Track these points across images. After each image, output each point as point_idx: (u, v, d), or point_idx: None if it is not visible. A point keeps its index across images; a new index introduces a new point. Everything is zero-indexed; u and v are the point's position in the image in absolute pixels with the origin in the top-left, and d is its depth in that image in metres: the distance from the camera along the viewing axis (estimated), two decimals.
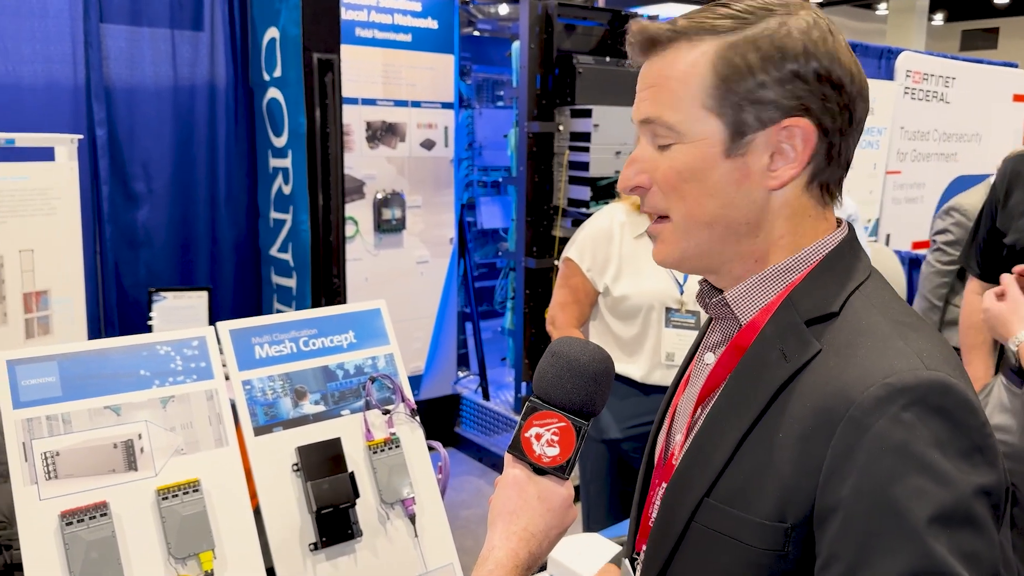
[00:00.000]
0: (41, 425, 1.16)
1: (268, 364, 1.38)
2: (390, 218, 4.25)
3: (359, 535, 1.35)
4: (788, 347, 0.78)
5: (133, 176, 3.78)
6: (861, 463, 0.68)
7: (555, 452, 0.82)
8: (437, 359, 4.68)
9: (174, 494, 1.21)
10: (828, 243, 0.83)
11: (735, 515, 0.76)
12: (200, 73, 3.88)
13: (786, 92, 0.77)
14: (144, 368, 1.27)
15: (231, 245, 4.02)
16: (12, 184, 3.06)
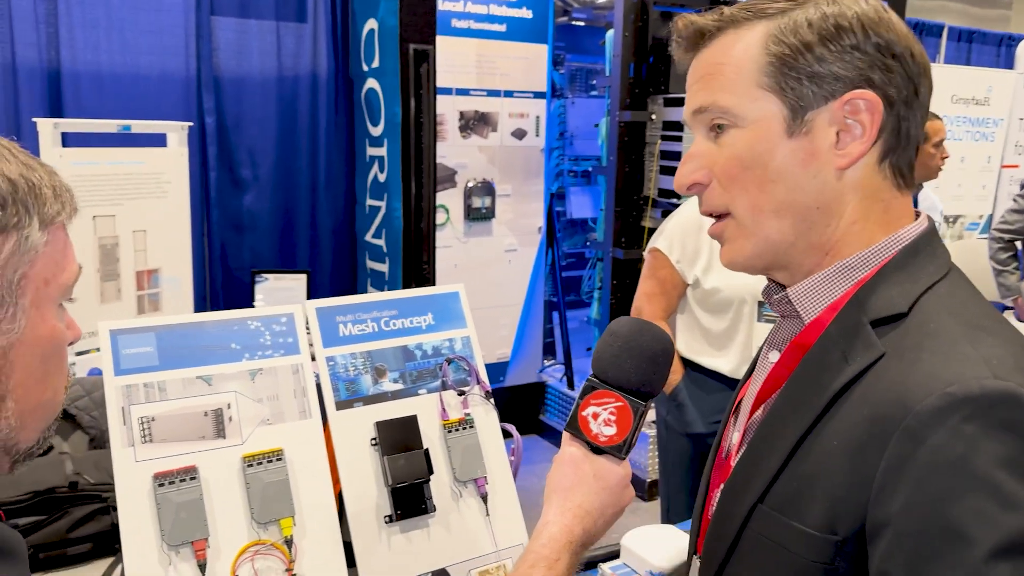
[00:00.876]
0: (139, 392, 1.24)
1: (351, 342, 1.43)
2: (480, 207, 4.30)
3: (432, 510, 1.38)
4: (850, 349, 0.73)
5: (239, 163, 3.96)
6: (914, 477, 0.63)
7: (612, 431, 0.82)
8: (523, 347, 4.72)
9: (259, 462, 1.27)
10: (903, 237, 0.78)
11: (786, 523, 0.73)
12: (303, 64, 4.02)
13: (846, 64, 0.74)
14: (235, 342, 1.34)
15: (329, 230, 4.17)
16: (128, 168, 3.26)
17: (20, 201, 0.59)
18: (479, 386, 1.51)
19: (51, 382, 0.64)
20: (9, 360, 0.60)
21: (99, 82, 3.51)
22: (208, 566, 1.20)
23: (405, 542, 1.37)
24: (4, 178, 0.58)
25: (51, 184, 0.63)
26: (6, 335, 0.59)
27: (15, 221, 0.59)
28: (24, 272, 0.60)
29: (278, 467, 1.29)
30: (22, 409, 0.61)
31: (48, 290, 0.63)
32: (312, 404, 1.36)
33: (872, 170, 0.77)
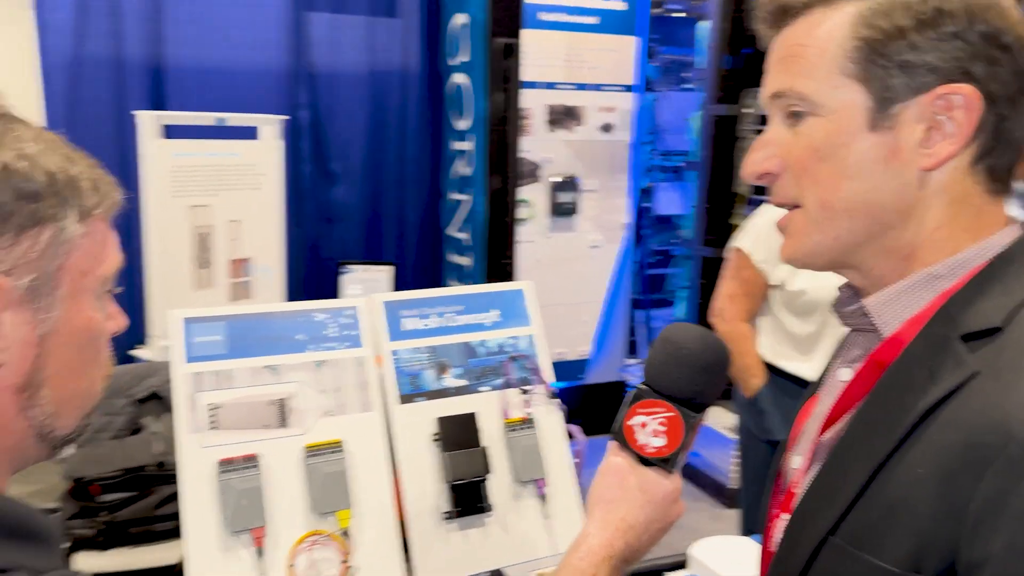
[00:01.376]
0: (207, 379, 1.27)
1: (415, 336, 1.43)
2: (564, 201, 4.26)
3: (490, 509, 1.37)
4: (937, 366, 0.66)
5: (331, 156, 4.06)
6: (1018, 513, 0.57)
7: (661, 443, 0.78)
8: (605, 344, 4.66)
9: (320, 452, 1.29)
10: (995, 244, 0.70)
11: (863, 559, 0.66)
12: (393, 59, 4.08)
13: (944, 55, 0.66)
14: (301, 333, 1.35)
15: (415, 223, 4.22)
16: (223, 160, 3.37)
17: (57, 193, 0.60)
18: (543, 385, 1.48)
19: (87, 371, 0.65)
20: (45, 349, 0.61)
21: (199, 76, 3.65)
22: (266, 554, 1.22)
23: (462, 540, 1.36)
24: (43, 170, 0.59)
25: (91, 177, 0.64)
26: (43, 324, 0.60)
27: (52, 213, 0.60)
28: (61, 263, 0.61)
29: (338, 458, 1.30)
30: (59, 397, 0.63)
31: (85, 281, 0.64)
32: (374, 397, 1.36)
33: (963, 173, 0.69)
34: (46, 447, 0.64)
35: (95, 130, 3.50)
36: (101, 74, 3.47)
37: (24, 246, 0.58)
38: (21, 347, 0.59)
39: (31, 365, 0.60)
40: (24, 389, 0.60)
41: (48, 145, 0.61)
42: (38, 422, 0.62)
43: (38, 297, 0.59)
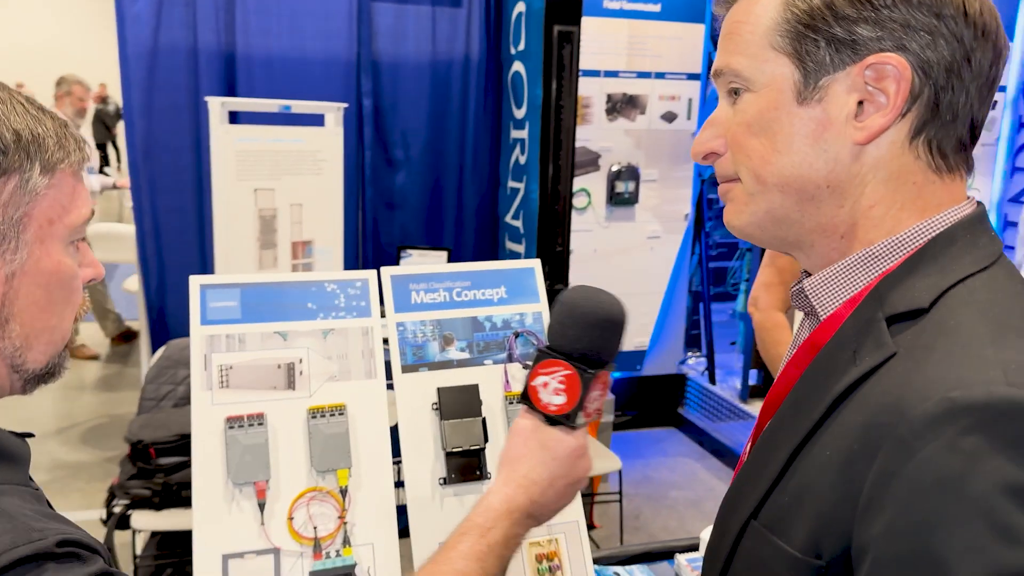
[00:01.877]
0: (221, 341, 1.36)
1: (421, 309, 1.48)
2: (623, 191, 4.25)
3: (487, 478, 1.41)
4: (860, 348, 0.65)
5: (393, 143, 4.16)
6: (900, 497, 0.55)
7: (561, 400, 0.80)
8: (663, 337, 4.63)
9: (322, 414, 1.36)
10: (938, 223, 0.68)
11: (773, 543, 0.66)
12: (456, 48, 4.15)
13: (874, 25, 0.65)
14: (312, 301, 1.43)
15: (473, 210, 4.29)
16: (288, 146, 3.51)
17: (22, 148, 0.66)
18: None
19: (56, 310, 0.71)
20: (13, 287, 0.67)
21: (268, 64, 3.80)
22: (267, 506, 1.30)
23: (458, 505, 1.41)
24: (9, 128, 0.66)
25: (57, 135, 0.70)
26: (9, 264, 0.67)
27: (16, 165, 0.66)
28: (26, 211, 0.67)
29: (340, 421, 1.36)
30: (27, 332, 0.69)
31: (53, 229, 0.70)
32: (378, 365, 1.43)
33: (900, 148, 0.67)
34: (19, 380, 0.72)
35: (171, 115, 3.70)
36: (177, 62, 3.66)
37: None
38: None
39: (0, 300, 0.67)
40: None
41: (18, 106, 0.68)
42: (7, 353, 0.69)
43: (5, 240, 0.66)
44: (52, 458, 3.98)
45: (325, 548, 1.31)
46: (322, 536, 1.31)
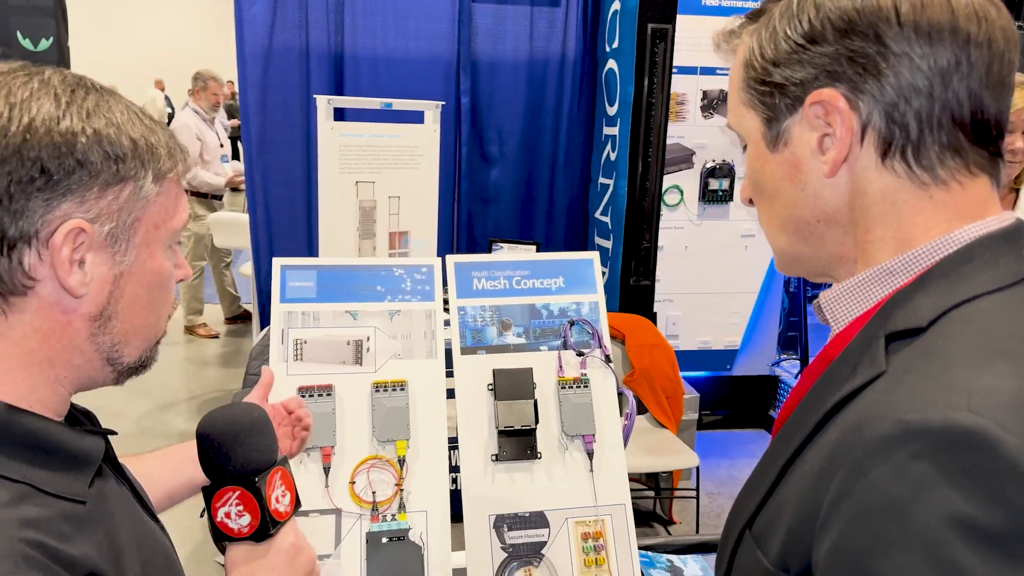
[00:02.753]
0: (297, 318, 1.49)
1: (482, 296, 1.57)
2: (716, 188, 4.22)
3: (537, 457, 1.49)
4: (860, 364, 0.63)
5: (488, 140, 4.29)
6: (847, 517, 0.54)
7: (248, 519, 0.80)
8: (755, 337, 4.56)
9: (385, 389, 1.47)
10: (957, 239, 0.65)
11: (755, 556, 0.66)
12: (553, 47, 4.23)
13: (806, 64, 0.66)
14: (380, 284, 1.54)
15: (564, 206, 4.36)
16: (388, 141, 3.69)
17: (138, 157, 0.70)
18: (600, 350, 1.58)
19: (154, 308, 0.75)
20: (119, 287, 0.70)
21: (372, 64, 3.99)
22: (332, 470, 1.43)
23: (508, 481, 1.49)
24: (128, 137, 0.70)
25: (167, 144, 0.74)
26: (118, 265, 0.70)
27: (132, 173, 0.70)
28: (138, 216, 0.71)
29: (401, 395, 1.48)
30: (126, 329, 0.72)
31: (158, 233, 0.73)
32: (439, 346, 1.53)
33: (875, 171, 0.66)
34: (112, 372, 0.74)
35: (283, 112, 3.95)
36: (289, 62, 3.90)
37: (107, 199, 0.68)
38: (99, 283, 0.69)
39: (106, 299, 0.70)
40: (97, 318, 0.70)
41: (134, 116, 0.74)
42: (105, 348, 0.72)
43: (116, 243, 0.70)
44: (171, 427, 4.34)
45: (382, 512, 1.42)
46: (380, 501, 1.43)
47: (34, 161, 0.64)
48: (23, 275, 0.65)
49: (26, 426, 0.66)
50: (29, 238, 0.65)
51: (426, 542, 1.42)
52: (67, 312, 0.68)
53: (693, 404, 3.94)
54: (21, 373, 0.67)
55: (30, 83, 0.67)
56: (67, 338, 0.69)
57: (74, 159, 0.66)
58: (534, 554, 1.44)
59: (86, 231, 0.66)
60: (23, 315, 0.67)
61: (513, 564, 1.43)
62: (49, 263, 0.66)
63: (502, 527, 1.44)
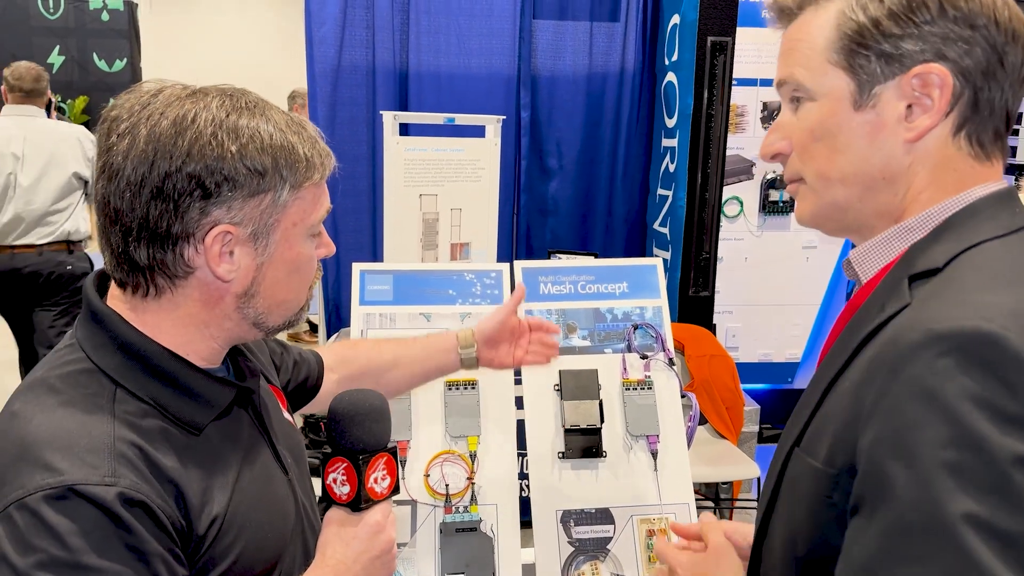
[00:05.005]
0: (375, 319, 1.58)
1: (549, 300, 1.64)
2: (777, 200, 4.21)
3: (603, 455, 1.55)
4: (887, 302, 0.75)
5: (548, 153, 4.36)
6: (886, 408, 0.66)
7: (348, 489, 0.91)
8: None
9: (457, 387, 1.55)
10: (965, 198, 0.77)
11: (807, 463, 0.77)
12: (612, 61, 4.29)
13: (917, 40, 0.75)
14: (452, 288, 1.62)
15: (622, 218, 4.41)
16: (450, 155, 3.80)
17: (277, 171, 0.82)
18: (663, 353, 1.63)
19: (292, 287, 0.88)
20: (261, 272, 0.85)
21: (436, 80, 4.11)
22: (408, 464, 1.50)
23: (574, 478, 1.55)
24: (270, 155, 0.81)
25: (306, 155, 0.84)
26: (260, 256, 0.84)
27: (271, 186, 0.82)
28: (277, 218, 0.84)
29: (472, 394, 1.55)
30: (268, 304, 0.87)
31: (296, 228, 0.86)
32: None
33: (944, 142, 0.77)
34: (260, 332, 0.90)
35: (351, 127, 4.09)
36: (357, 79, 4.05)
37: (250, 206, 0.82)
38: (245, 270, 0.84)
39: (250, 282, 0.85)
40: (243, 296, 0.85)
41: (282, 130, 0.84)
42: (251, 317, 0.88)
43: (258, 240, 0.84)
44: None
45: (455, 504, 1.49)
46: (453, 493, 1.50)
47: (192, 176, 0.78)
48: (184, 264, 0.81)
49: (169, 365, 0.83)
50: (188, 236, 0.80)
51: (496, 534, 1.49)
52: (219, 290, 0.84)
53: (753, 416, 3.93)
54: (181, 329, 0.85)
55: (195, 107, 0.80)
56: (219, 309, 0.85)
57: (222, 175, 0.79)
58: (600, 549, 1.49)
59: (232, 233, 0.81)
60: (186, 290, 0.83)
61: (580, 558, 1.48)
62: (203, 256, 0.81)
63: (568, 522, 1.50)
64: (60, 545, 0.71)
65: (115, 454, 0.75)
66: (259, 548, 0.87)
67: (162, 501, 0.77)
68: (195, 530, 0.80)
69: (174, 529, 0.78)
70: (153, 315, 0.84)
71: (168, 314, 0.84)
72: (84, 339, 0.84)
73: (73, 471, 0.73)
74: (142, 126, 0.79)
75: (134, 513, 0.74)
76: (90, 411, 0.78)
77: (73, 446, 0.75)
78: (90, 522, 0.72)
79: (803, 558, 0.77)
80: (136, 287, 0.83)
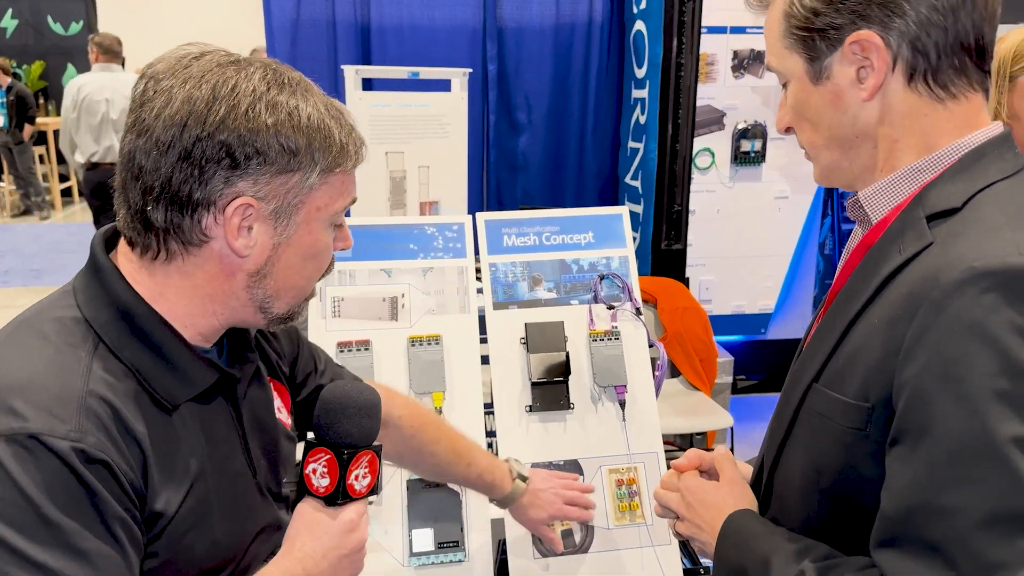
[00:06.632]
0: (334, 276, 1.53)
1: (513, 252, 1.60)
2: (749, 150, 4.18)
3: (570, 407, 1.52)
4: (905, 241, 0.79)
5: (516, 107, 4.28)
6: (932, 342, 0.70)
7: (327, 482, 0.89)
8: (790, 300, 4.53)
9: (421, 343, 1.51)
10: (971, 142, 0.82)
11: (832, 397, 0.81)
12: (580, 10, 4.20)
13: (840, 13, 0.81)
14: (413, 243, 1.58)
15: (594, 172, 4.36)
16: (416, 111, 3.71)
17: (310, 152, 0.80)
18: (630, 303, 1.60)
19: (305, 274, 0.87)
20: (277, 253, 0.83)
21: (399, 33, 4.00)
22: None
23: (543, 431, 1.53)
24: (304, 135, 0.79)
25: (341, 142, 0.83)
26: (278, 236, 0.82)
27: (301, 166, 0.80)
28: (301, 200, 0.82)
29: (436, 349, 1.51)
30: (278, 287, 0.85)
31: (319, 214, 0.84)
32: (471, 301, 1.56)
33: (903, 93, 0.82)
34: (263, 318, 0.88)
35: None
36: (316, 33, 3.93)
37: (277, 183, 0.80)
38: (261, 248, 0.82)
39: (264, 261, 0.83)
40: (255, 275, 0.83)
41: (321, 112, 0.82)
42: (259, 299, 0.85)
43: (279, 218, 0.82)
44: None
45: None
46: None
47: (223, 145, 0.77)
48: (200, 232, 0.80)
49: (156, 331, 0.81)
50: (209, 204, 0.78)
51: (464, 490, 1.46)
52: (232, 266, 0.82)
53: (727, 368, 3.94)
54: (185, 299, 0.83)
55: (237, 76, 0.79)
56: (228, 285, 0.83)
57: (254, 148, 0.78)
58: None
59: (254, 207, 0.79)
60: (198, 260, 0.81)
61: None
62: (222, 227, 0.79)
63: None
64: (17, 491, 0.69)
65: (84, 409, 0.74)
66: (213, 544, 0.85)
67: (125, 464, 0.75)
68: (149, 505, 0.78)
69: (135, 494, 0.76)
70: (159, 280, 0.82)
71: (175, 281, 0.82)
72: (80, 289, 0.82)
73: (37, 420, 0.72)
74: (179, 88, 0.78)
75: (95, 471, 0.72)
76: (67, 362, 0.76)
77: (42, 395, 0.73)
78: (50, 474, 0.71)
79: (828, 489, 0.82)
80: (146, 248, 0.81)
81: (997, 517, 0.67)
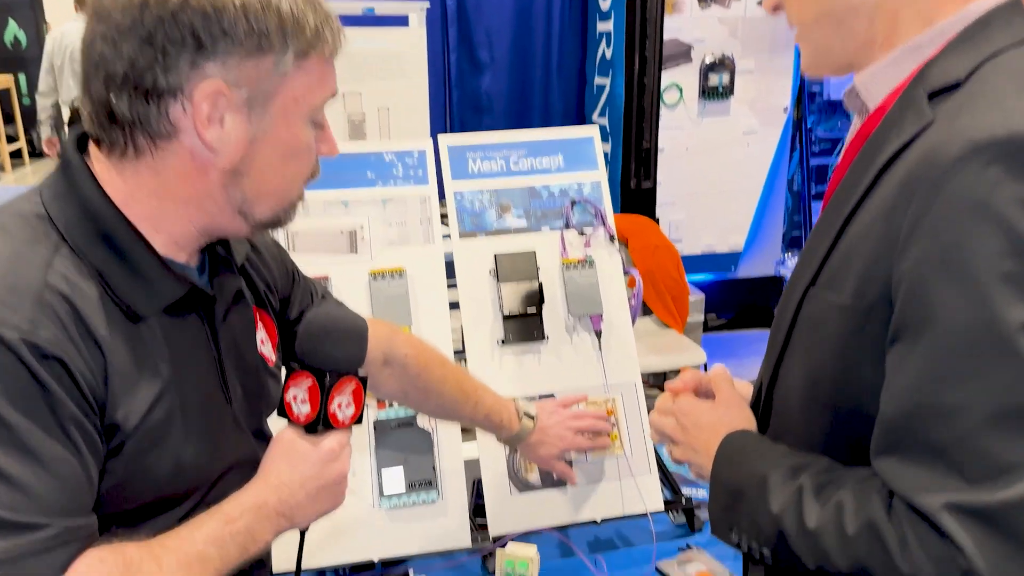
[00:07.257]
0: None
1: (479, 178, 1.51)
2: (717, 84, 4.09)
3: (544, 338, 1.45)
4: (903, 122, 0.71)
5: (478, 44, 4.13)
6: (930, 227, 0.62)
7: (307, 409, 0.84)
8: (760, 237, 4.50)
9: (383, 277, 1.42)
10: (974, 11, 0.72)
11: (828, 298, 0.74)
12: None
13: None
14: (371, 171, 1.48)
15: (560, 111, 4.24)
16: (372, 48, 3.55)
17: (282, 33, 0.74)
18: (604, 229, 1.52)
19: (286, 175, 0.81)
20: (253, 149, 0.76)
21: None
22: None
23: (516, 365, 1.46)
24: (275, 13, 0.73)
25: (316, 25, 0.76)
26: (253, 128, 0.76)
27: (274, 47, 0.74)
28: (275, 87, 0.75)
29: (400, 283, 1.43)
30: (257, 188, 0.78)
31: (297, 106, 0.77)
32: (436, 231, 1.47)
33: None
34: (245, 225, 0.81)
35: None
36: None
37: (247, 66, 0.73)
38: (235, 143, 0.75)
39: (239, 158, 0.76)
40: (231, 173, 0.77)
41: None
42: (237, 201, 0.79)
43: (253, 108, 0.75)
44: None
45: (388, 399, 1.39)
46: None
47: (186, 25, 0.71)
48: (167, 122, 0.74)
49: (121, 235, 0.76)
50: (175, 91, 0.73)
51: (435, 428, 1.39)
52: (205, 162, 0.76)
53: (698, 306, 3.90)
54: (156, 201, 0.77)
55: None
56: (202, 184, 0.77)
57: (220, 28, 0.72)
58: None
59: (225, 94, 0.73)
60: (167, 156, 0.76)
61: None
62: (191, 116, 0.73)
63: None
64: None
65: (40, 302, 0.69)
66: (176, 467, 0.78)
67: (84, 366, 0.70)
68: (109, 415, 0.73)
69: (94, 399, 0.71)
70: (128, 180, 0.77)
71: (146, 180, 0.77)
72: (46, 186, 0.78)
73: None
74: None
75: (49, 368, 0.67)
76: (26, 254, 0.72)
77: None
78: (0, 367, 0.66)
79: (828, 401, 0.75)
80: (113, 144, 0.76)
81: (1006, 413, 0.60)
